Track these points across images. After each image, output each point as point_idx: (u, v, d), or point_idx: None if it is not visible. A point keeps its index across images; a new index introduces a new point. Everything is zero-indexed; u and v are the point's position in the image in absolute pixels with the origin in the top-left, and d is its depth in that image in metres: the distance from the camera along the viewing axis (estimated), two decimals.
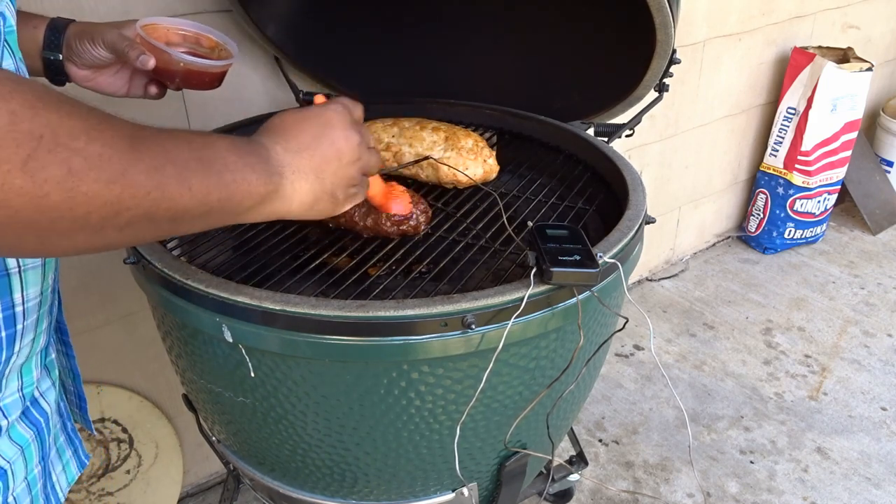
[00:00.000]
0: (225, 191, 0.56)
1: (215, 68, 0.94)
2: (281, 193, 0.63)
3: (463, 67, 1.43)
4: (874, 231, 2.85)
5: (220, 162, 0.56)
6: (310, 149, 0.65)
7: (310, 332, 0.77)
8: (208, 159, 0.55)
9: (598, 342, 0.96)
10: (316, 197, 0.67)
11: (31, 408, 0.68)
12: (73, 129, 0.45)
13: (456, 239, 1.00)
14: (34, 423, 0.68)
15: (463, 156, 1.12)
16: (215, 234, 1.02)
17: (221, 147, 0.57)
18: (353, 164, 0.70)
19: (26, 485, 0.68)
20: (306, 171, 0.65)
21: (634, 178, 1.04)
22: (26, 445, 0.67)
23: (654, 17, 1.03)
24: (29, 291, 0.63)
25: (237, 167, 0.57)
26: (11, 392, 0.65)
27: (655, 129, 2.26)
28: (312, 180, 0.65)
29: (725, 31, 2.26)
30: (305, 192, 0.65)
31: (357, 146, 0.70)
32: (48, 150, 0.43)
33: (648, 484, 1.77)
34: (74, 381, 0.84)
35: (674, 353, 2.22)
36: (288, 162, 0.63)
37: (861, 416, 1.97)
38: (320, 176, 0.66)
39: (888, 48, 2.92)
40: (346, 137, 0.69)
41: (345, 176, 0.69)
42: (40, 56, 0.88)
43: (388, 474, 0.93)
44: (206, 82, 0.94)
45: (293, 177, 0.63)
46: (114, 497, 1.53)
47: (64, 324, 0.80)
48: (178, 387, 1.32)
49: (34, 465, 0.69)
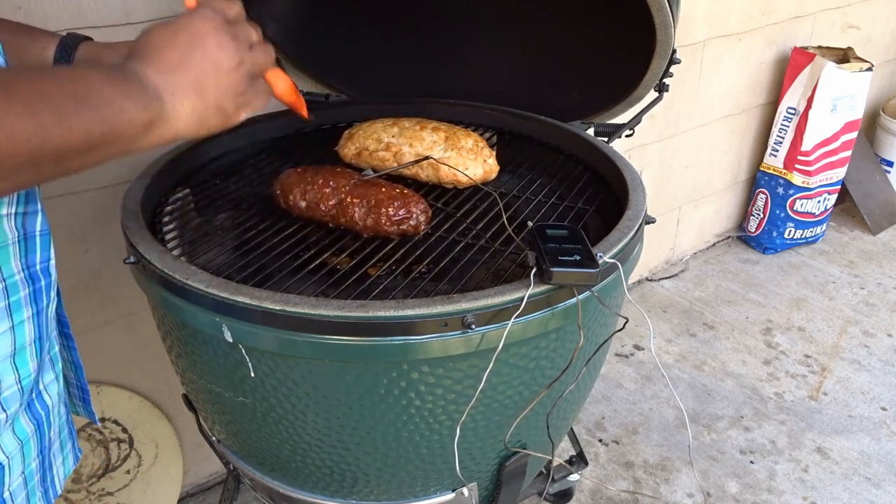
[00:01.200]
0: (106, 124, 0.55)
1: None
2: (164, 117, 0.61)
3: (463, 67, 1.43)
4: (874, 231, 2.85)
5: (95, 96, 0.54)
6: (182, 65, 0.63)
7: (310, 332, 0.77)
8: (83, 95, 0.54)
9: (598, 342, 0.96)
10: (202, 114, 0.65)
11: (35, 401, 0.68)
12: None
13: (456, 239, 1.00)
14: (36, 416, 0.68)
15: (463, 156, 1.12)
16: (215, 234, 1.02)
17: (94, 80, 0.56)
18: (236, 71, 0.67)
19: (23, 479, 0.68)
20: (184, 89, 0.62)
21: (634, 178, 1.04)
22: (26, 440, 0.67)
23: (654, 17, 1.03)
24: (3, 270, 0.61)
25: (113, 98, 0.56)
26: (9, 385, 0.65)
27: (655, 129, 2.26)
28: (193, 98, 0.63)
29: (725, 31, 2.26)
30: (189, 111, 0.63)
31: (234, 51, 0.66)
32: None
33: (648, 484, 1.77)
34: (77, 373, 0.84)
35: (674, 353, 2.22)
36: (163, 84, 0.61)
37: (861, 416, 1.97)
38: (200, 91, 0.64)
39: (888, 48, 2.92)
40: (220, 44, 0.65)
41: (228, 85, 0.66)
42: None
43: (388, 474, 0.93)
44: None
45: (172, 98, 0.61)
46: (114, 497, 1.53)
47: (65, 317, 0.80)
48: (178, 387, 1.32)
49: (32, 458, 0.69)
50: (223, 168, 1.21)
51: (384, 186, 1.00)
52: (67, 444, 0.77)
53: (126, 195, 1.00)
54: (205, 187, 1.14)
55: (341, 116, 1.36)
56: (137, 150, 0.60)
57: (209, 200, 1.11)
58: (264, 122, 1.29)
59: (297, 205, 1.02)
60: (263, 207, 1.07)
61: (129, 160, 1.34)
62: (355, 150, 1.18)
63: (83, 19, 1.20)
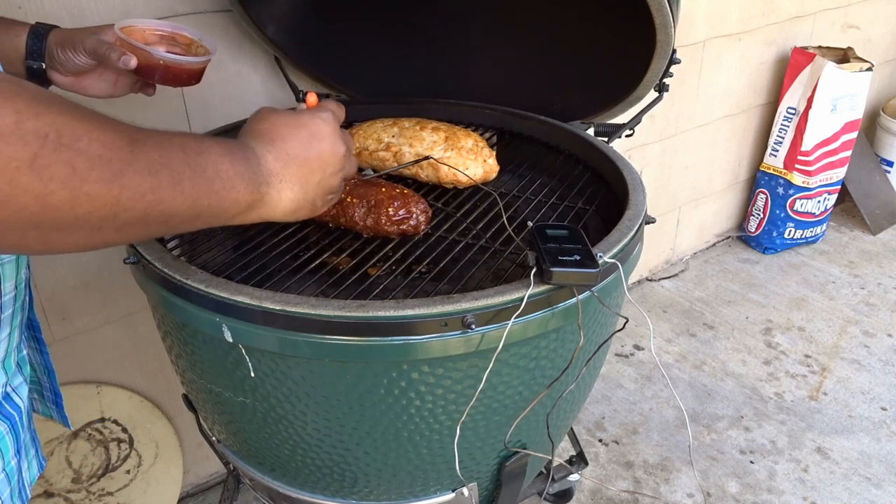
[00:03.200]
0: (214, 197, 0.58)
1: (193, 64, 0.97)
2: (266, 201, 0.65)
3: (463, 67, 1.43)
4: (874, 231, 2.85)
5: (211, 169, 0.57)
6: (298, 159, 0.67)
7: (310, 332, 0.77)
8: (201, 166, 0.56)
9: (598, 342, 0.96)
10: (298, 205, 0.69)
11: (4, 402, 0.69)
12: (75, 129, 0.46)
13: (456, 239, 1.00)
14: (7, 416, 0.69)
15: (463, 156, 1.12)
16: (215, 234, 1.02)
17: (214, 153, 0.59)
18: (337, 175, 0.72)
19: (5, 476, 0.69)
20: (293, 181, 0.67)
21: (634, 178, 1.04)
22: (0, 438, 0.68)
23: (654, 17, 1.03)
24: (5, 286, 0.63)
25: (228, 175, 0.59)
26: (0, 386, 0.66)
27: (655, 129, 2.26)
28: (297, 190, 0.67)
29: (725, 31, 2.26)
30: (289, 201, 0.67)
31: (342, 157, 0.72)
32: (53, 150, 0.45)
33: (648, 484, 1.77)
34: (50, 378, 0.85)
35: (674, 353, 2.22)
36: (277, 171, 0.65)
37: (861, 416, 1.97)
38: (305, 186, 0.68)
39: (888, 48, 2.92)
40: (333, 150, 0.71)
41: (327, 186, 0.71)
42: (23, 63, 0.89)
43: (388, 474, 0.93)
44: (184, 79, 0.98)
45: (280, 186, 0.66)
46: (114, 497, 1.53)
47: (36, 321, 0.80)
48: (178, 387, 1.32)
49: (10, 456, 0.69)
50: None
51: (384, 186, 1.00)
52: (31, 451, 0.77)
53: None
54: None
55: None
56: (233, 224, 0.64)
57: None
58: None
59: None
60: None
61: None
62: (355, 150, 1.18)
63: (83, 19, 1.20)
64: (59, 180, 0.45)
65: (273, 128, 0.68)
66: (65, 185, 0.46)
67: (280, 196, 0.66)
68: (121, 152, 0.49)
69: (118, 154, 0.49)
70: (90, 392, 1.47)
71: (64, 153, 0.45)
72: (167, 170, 0.53)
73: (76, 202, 0.47)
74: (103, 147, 0.48)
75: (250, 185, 0.62)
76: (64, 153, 0.45)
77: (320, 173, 0.70)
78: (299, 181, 0.68)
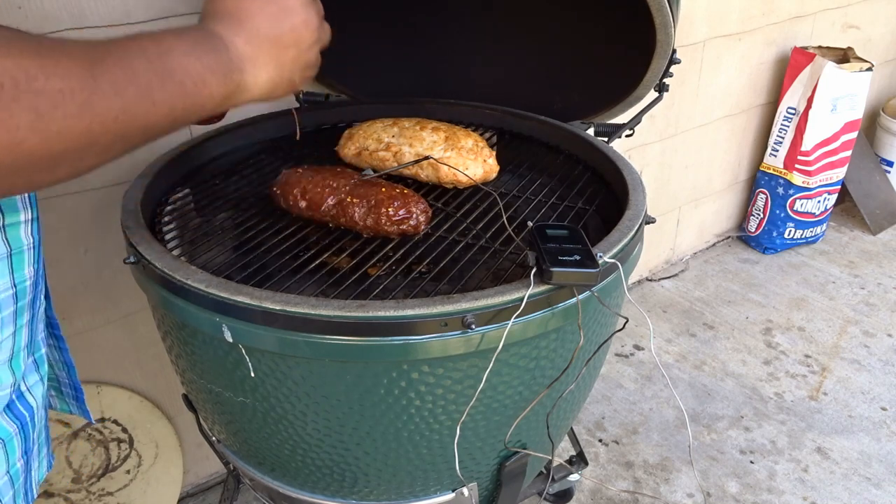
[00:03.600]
0: (188, 100, 0.55)
1: None
2: (242, 88, 0.62)
3: (463, 67, 1.43)
4: (874, 231, 2.85)
5: (180, 71, 0.55)
6: (269, 38, 0.64)
7: (310, 332, 0.77)
8: (168, 70, 0.54)
9: (598, 342, 0.96)
10: (274, 84, 0.66)
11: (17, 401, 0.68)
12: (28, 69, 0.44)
13: (456, 239, 1.00)
14: (18, 416, 0.68)
15: (463, 156, 1.12)
16: (215, 234, 1.02)
17: (178, 52, 0.55)
18: (313, 48, 0.69)
19: (9, 478, 0.67)
20: (267, 61, 0.64)
21: (634, 178, 1.04)
22: (8, 439, 0.66)
23: (654, 17, 1.03)
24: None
25: (197, 73, 0.56)
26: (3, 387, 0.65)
27: (655, 129, 2.26)
28: (272, 69, 0.64)
29: (725, 31, 2.26)
30: (265, 82, 0.64)
31: (316, 28, 0.68)
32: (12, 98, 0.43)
33: (648, 484, 1.77)
34: (69, 373, 0.84)
35: (674, 353, 2.22)
36: (249, 55, 0.62)
37: (861, 416, 1.97)
38: (280, 65, 0.65)
39: (888, 48, 2.92)
40: (307, 21, 0.67)
41: (304, 60, 0.68)
42: None
43: (388, 474, 0.93)
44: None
45: (254, 71, 0.62)
46: (114, 497, 1.53)
47: (54, 318, 0.80)
48: (178, 387, 1.32)
49: (17, 458, 0.68)
50: (223, 168, 1.21)
51: (384, 186, 1.00)
52: (43, 449, 0.76)
53: (126, 195, 1.00)
54: (205, 187, 1.14)
55: (341, 116, 1.36)
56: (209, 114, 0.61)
57: (209, 200, 1.11)
58: (264, 122, 1.29)
59: (297, 205, 1.02)
60: (263, 207, 1.07)
61: (130, 160, 1.34)
62: (355, 150, 1.18)
63: (83, 19, 1.20)
64: (26, 127, 0.44)
65: (239, 5, 0.63)
66: (33, 130, 0.44)
67: (256, 80, 0.63)
68: (82, 81, 0.47)
69: (80, 83, 0.47)
70: (90, 392, 1.47)
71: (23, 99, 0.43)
72: (134, 85, 0.50)
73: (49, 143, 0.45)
74: (62, 80, 0.45)
75: (223, 77, 0.59)
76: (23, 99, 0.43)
77: (295, 49, 0.66)
78: (273, 60, 0.64)
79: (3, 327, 0.63)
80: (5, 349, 0.64)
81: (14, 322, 0.65)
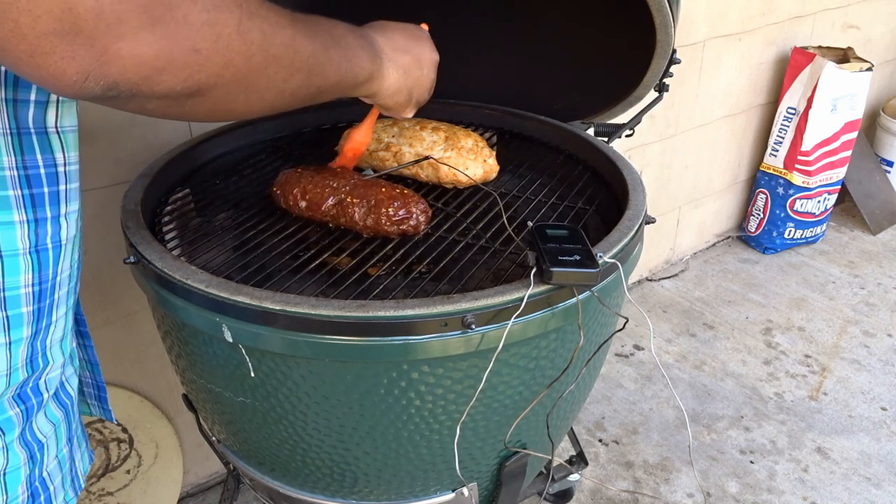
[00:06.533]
0: (348, 64, 0.69)
1: None
2: (379, 75, 0.77)
3: (463, 67, 1.42)
4: (874, 231, 2.85)
5: (344, 40, 0.69)
6: (403, 49, 0.81)
7: (310, 332, 0.77)
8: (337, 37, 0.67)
9: (598, 342, 0.96)
10: (399, 88, 0.81)
11: (61, 390, 0.71)
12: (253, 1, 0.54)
13: (456, 239, 1.00)
14: (62, 405, 0.71)
15: (463, 156, 1.12)
16: (215, 234, 1.02)
17: (342, 28, 0.70)
18: (430, 75, 0.87)
19: (58, 462, 0.71)
20: (398, 65, 0.80)
21: (634, 178, 1.04)
22: (58, 424, 0.70)
23: (654, 17, 1.03)
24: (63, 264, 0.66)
25: (355, 47, 0.71)
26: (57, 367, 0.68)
27: (655, 129, 2.26)
28: (401, 73, 0.81)
29: (725, 31, 2.26)
30: (394, 80, 0.80)
31: (434, 64, 0.88)
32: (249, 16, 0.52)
33: (648, 484, 1.77)
34: (93, 371, 0.86)
35: (674, 353, 2.22)
36: (387, 52, 0.79)
37: (861, 416, 1.97)
38: (407, 72, 0.81)
39: (888, 48, 2.92)
40: (432, 55, 0.88)
41: (423, 81, 0.86)
42: None
43: (388, 474, 0.93)
44: None
45: (389, 64, 0.79)
46: (114, 497, 1.53)
47: (81, 314, 0.82)
48: (178, 387, 1.32)
49: (63, 444, 0.72)
50: (223, 168, 1.21)
51: (384, 186, 1.00)
52: (83, 443, 0.79)
53: (126, 195, 1.00)
54: (205, 187, 1.14)
55: (341, 116, 1.36)
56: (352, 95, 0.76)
57: (209, 200, 1.11)
58: (264, 122, 1.29)
59: (297, 205, 1.02)
60: (263, 207, 1.07)
61: (130, 160, 1.34)
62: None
63: None
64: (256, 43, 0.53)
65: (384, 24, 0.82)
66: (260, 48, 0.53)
67: (389, 73, 0.78)
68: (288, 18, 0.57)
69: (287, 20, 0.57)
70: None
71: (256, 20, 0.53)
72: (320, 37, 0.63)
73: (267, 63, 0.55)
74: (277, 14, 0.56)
75: (371, 56, 0.74)
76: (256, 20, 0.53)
77: (418, 70, 0.84)
78: (403, 67, 0.81)
79: (59, 306, 0.66)
80: (59, 328, 0.67)
81: (66, 302, 0.68)
